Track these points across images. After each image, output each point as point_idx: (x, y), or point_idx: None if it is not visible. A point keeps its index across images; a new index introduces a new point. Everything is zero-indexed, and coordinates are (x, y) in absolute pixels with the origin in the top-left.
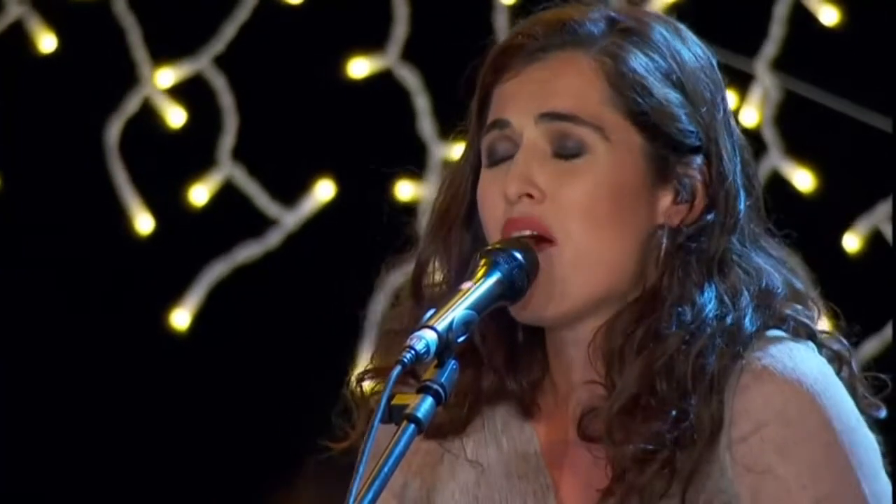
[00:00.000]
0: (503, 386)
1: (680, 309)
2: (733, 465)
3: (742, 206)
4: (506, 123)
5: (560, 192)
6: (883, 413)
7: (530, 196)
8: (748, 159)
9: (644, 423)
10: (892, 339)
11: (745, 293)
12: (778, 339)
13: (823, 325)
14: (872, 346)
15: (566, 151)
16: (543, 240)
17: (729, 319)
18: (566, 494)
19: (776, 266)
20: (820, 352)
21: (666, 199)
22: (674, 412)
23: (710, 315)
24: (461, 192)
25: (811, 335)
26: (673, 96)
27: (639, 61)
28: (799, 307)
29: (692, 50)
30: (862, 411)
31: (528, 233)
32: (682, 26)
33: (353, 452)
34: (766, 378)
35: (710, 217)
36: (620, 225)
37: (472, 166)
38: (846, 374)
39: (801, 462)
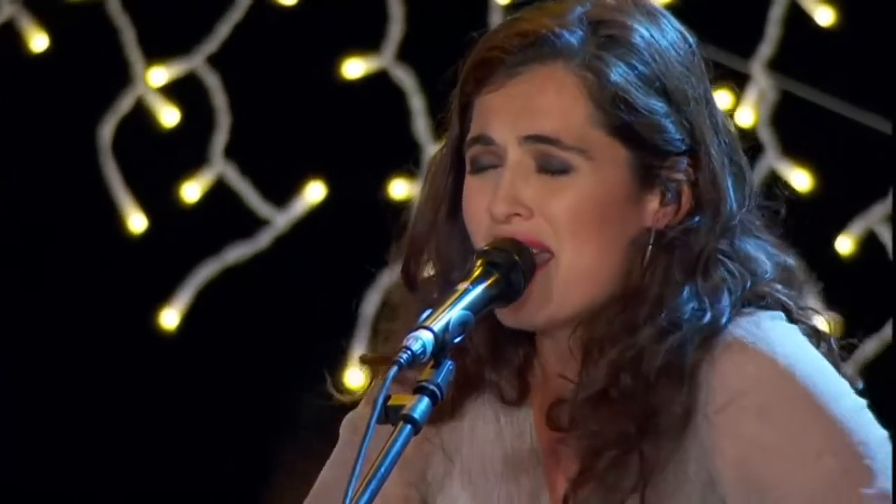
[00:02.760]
0: (492, 372)
1: (656, 308)
2: (712, 439)
3: (731, 202)
4: (490, 140)
5: (546, 208)
6: (860, 385)
7: (518, 214)
8: (735, 147)
9: (609, 416)
10: (892, 338)
11: (726, 293)
12: (749, 314)
13: (815, 307)
14: (871, 346)
15: (551, 168)
16: (543, 252)
17: (706, 318)
18: (554, 476)
19: (766, 250)
20: (798, 327)
21: (653, 203)
22: (638, 407)
23: (686, 314)
24: (443, 190)
25: (787, 310)
26: (657, 106)
27: (620, 73)
28: (778, 286)
29: (673, 43)
30: None
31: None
32: (659, 11)
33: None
34: (736, 348)
35: (696, 217)
36: (608, 234)
37: (452, 163)
38: (824, 349)
39: (786, 424)
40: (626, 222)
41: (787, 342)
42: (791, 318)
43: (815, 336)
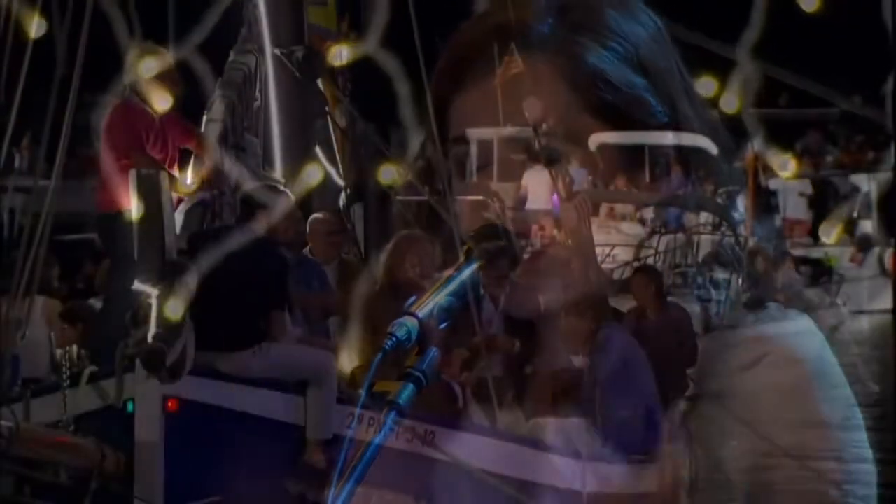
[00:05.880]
0: (488, 372)
1: (659, 280)
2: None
3: (717, 163)
4: (472, 139)
5: (542, 198)
6: (875, 388)
7: (513, 209)
8: (707, 109)
9: (618, 394)
10: (892, 331)
11: (722, 258)
12: (776, 313)
13: (817, 298)
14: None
15: (540, 157)
16: (544, 241)
17: (705, 284)
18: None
19: (767, 229)
20: (816, 323)
21: (644, 178)
22: (633, 388)
23: (685, 282)
24: (423, 194)
25: (808, 308)
26: (637, 80)
27: (596, 55)
28: (796, 276)
29: (642, 21)
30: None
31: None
32: None
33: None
34: (769, 351)
35: (687, 186)
36: (607, 215)
37: (427, 167)
38: (853, 353)
39: (792, 423)
40: (623, 200)
41: (815, 351)
42: (812, 315)
43: (832, 332)
